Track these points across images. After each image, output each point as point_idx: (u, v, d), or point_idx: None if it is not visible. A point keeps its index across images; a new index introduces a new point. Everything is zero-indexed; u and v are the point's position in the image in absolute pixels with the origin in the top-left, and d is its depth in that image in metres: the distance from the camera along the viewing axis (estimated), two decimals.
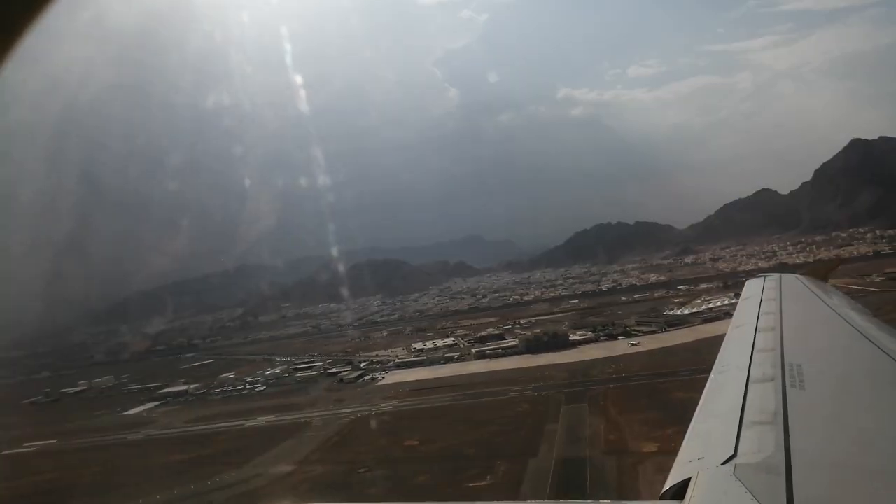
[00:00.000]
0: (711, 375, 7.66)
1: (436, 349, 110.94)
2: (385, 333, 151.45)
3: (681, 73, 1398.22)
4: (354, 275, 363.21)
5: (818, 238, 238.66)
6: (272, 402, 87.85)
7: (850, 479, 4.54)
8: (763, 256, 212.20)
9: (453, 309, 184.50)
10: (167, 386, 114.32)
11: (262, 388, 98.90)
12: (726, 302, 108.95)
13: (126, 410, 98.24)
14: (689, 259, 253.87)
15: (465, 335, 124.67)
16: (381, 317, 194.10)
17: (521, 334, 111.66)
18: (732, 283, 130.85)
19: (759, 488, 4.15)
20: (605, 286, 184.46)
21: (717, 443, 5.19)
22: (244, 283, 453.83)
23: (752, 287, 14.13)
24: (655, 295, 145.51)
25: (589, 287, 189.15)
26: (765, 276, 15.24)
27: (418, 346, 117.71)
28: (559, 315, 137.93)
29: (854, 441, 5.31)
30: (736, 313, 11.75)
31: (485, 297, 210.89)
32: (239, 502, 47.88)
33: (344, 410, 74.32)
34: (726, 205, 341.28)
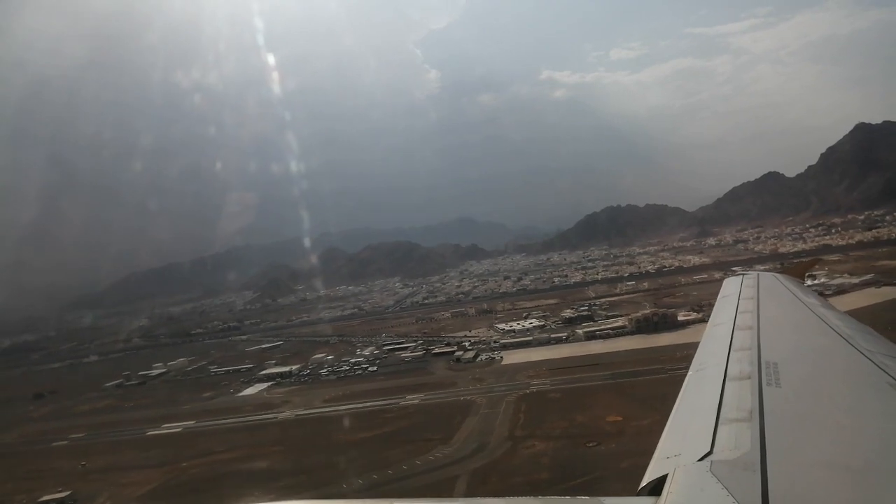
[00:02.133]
0: (689, 373, 7.86)
1: (526, 330, 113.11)
2: (448, 314, 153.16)
3: (662, 56, 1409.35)
4: (366, 257, 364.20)
5: (836, 220, 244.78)
6: (401, 381, 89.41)
7: (825, 476, 4.63)
8: (790, 238, 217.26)
9: (500, 291, 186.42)
10: (257, 368, 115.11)
11: (373, 369, 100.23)
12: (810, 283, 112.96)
13: (239, 392, 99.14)
14: (711, 241, 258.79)
15: (543, 316, 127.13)
16: (425, 299, 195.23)
17: (611, 315, 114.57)
18: (781, 264, 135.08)
19: (735, 484, 4.25)
20: (648, 268, 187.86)
21: (693, 439, 5.32)
22: (235, 267, 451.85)
23: (730, 285, 14.27)
24: (716, 276, 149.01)
25: (631, 269, 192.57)
26: (743, 275, 15.48)
27: (503, 327, 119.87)
28: (627, 296, 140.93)
29: (829, 438, 5.43)
30: (714, 311, 12.07)
31: (519, 279, 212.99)
32: (507, 477, 49.78)
33: (499, 389, 76.23)
34: (735, 188, 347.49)
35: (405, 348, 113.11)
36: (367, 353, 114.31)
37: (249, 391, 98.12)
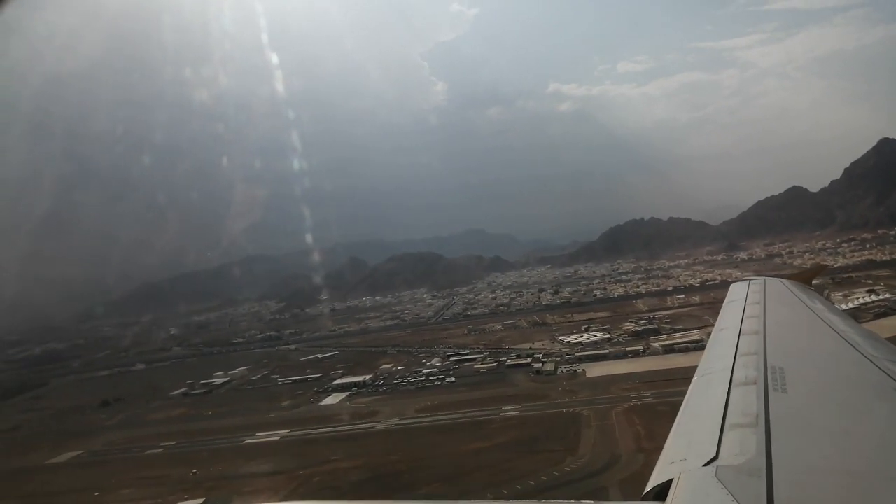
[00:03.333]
0: (695, 378, 7.85)
1: (595, 343, 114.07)
2: (499, 326, 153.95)
3: (668, 70, 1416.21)
4: (390, 269, 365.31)
5: (867, 235, 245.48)
6: (487, 392, 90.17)
7: (831, 482, 4.58)
8: (826, 252, 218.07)
9: (543, 304, 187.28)
10: (325, 378, 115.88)
11: (451, 380, 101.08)
12: (877, 298, 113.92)
13: (319, 402, 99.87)
14: (742, 255, 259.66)
15: (604, 329, 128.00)
16: (465, 311, 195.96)
17: (678, 329, 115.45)
18: (832, 279, 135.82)
19: (740, 490, 4.24)
20: (689, 282, 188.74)
21: (699, 445, 5.30)
22: (248, 277, 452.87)
23: (736, 290, 14.16)
24: None
25: (671, 282, 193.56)
26: (749, 280, 15.43)
27: (566, 339, 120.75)
28: (682, 310, 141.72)
29: (835, 444, 5.39)
30: (720, 316, 11.98)
31: (556, 291, 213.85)
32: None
33: (600, 401, 77.01)
34: (759, 202, 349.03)
35: (473, 359, 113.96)
36: (434, 363, 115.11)
37: (329, 401, 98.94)
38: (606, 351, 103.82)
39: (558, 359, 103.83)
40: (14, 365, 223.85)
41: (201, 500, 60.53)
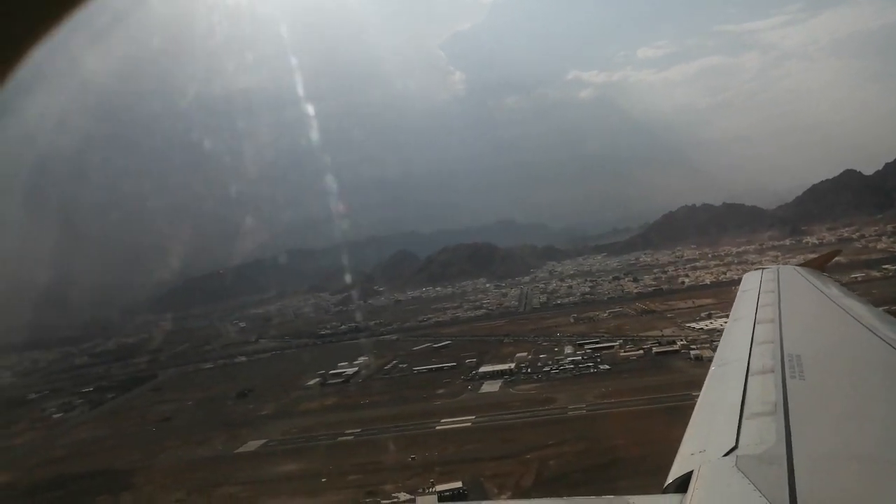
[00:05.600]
0: (712, 368, 7.97)
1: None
2: (605, 314, 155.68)
3: (690, 55, 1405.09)
4: (445, 259, 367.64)
5: None
6: (657, 378, 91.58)
7: (852, 469, 4.56)
8: None
9: (634, 291, 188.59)
10: (460, 367, 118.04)
11: (606, 367, 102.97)
12: None
13: (479, 389, 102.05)
14: (811, 240, 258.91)
15: (725, 315, 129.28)
16: (551, 300, 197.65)
17: None
18: None
19: (761, 480, 4.22)
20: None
21: (718, 435, 5.30)
22: (283, 271, 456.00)
23: (750, 280, 14.15)
24: (875, 274, 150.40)
25: (755, 268, 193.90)
26: (762, 269, 15.36)
27: (695, 325, 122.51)
28: None
29: (855, 430, 5.38)
30: (735, 306, 12.03)
31: (636, 279, 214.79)
32: None
33: None
34: (814, 185, 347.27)
35: (609, 347, 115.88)
36: (568, 351, 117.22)
37: (488, 388, 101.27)
38: None
39: (706, 346, 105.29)
40: (97, 359, 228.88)
41: (458, 484, 62.55)
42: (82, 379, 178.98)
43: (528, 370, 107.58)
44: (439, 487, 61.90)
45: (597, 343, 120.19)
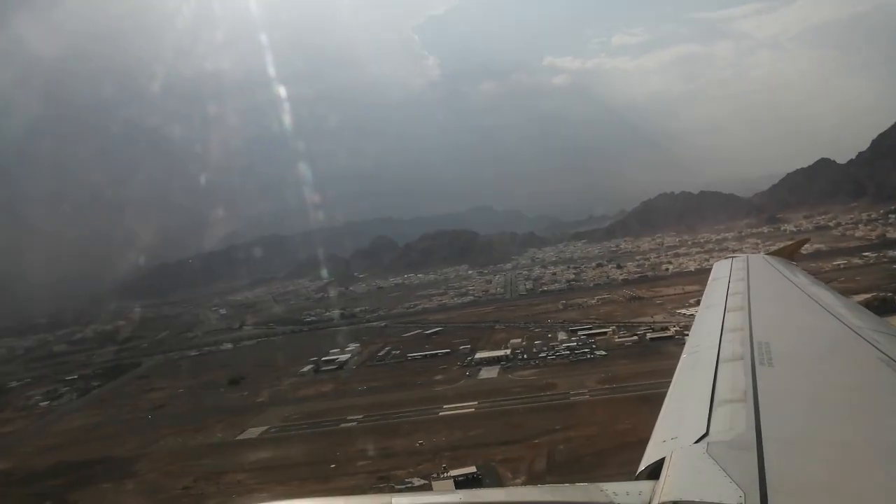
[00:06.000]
0: (683, 356, 8.05)
1: None
2: (594, 301, 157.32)
3: (664, 42, 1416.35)
4: (426, 246, 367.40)
5: None
6: (654, 364, 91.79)
7: (821, 454, 4.65)
8: (880, 223, 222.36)
9: (620, 278, 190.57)
10: (455, 353, 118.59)
11: (602, 353, 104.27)
12: None
13: (477, 375, 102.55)
14: (789, 227, 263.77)
15: None
16: (544, 286, 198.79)
17: None
18: None
19: (732, 465, 4.29)
20: (757, 253, 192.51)
21: (689, 422, 5.37)
22: (264, 257, 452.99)
23: (720, 268, 14.37)
24: (855, 261, 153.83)
25: (736, 255, 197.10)
26: (732, 258, 15.63)
27: (685, 312, 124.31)
28: None
29: (823, 416, 5.48)
30: (705, 294, 12.23)
31: (619, 266, 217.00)
32: None
33: None
34: (789, 174, 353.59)
35: (602, 333, 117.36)
36: (561, 337, 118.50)
37: (486, 374, 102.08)
38: None
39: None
40: (75, 346, 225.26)
41: (472, 469, 63.16)
42: (64, 367, 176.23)
43: (525, 356, 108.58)
44: (453, 472, 62.28)
45: (590, 329, 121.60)
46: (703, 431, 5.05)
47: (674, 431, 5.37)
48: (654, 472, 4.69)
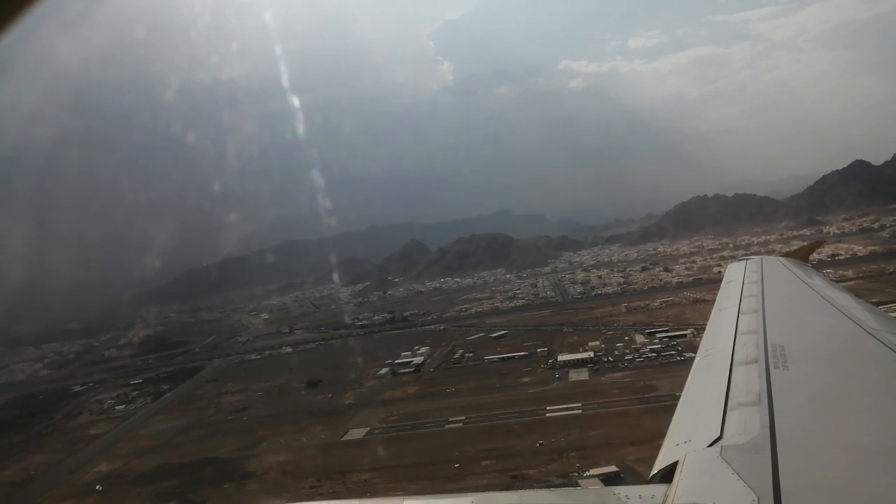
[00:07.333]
0: (696, 359, 8.06)
1: None
2: (657, 304, 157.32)
3: (681, 44, 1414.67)
4: (461, 250, 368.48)
5: None
6: None
7: (835, 457, 4.59)
8: None
9: (675, 281, 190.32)
10: (534, 356, 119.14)
11: (690, 355, 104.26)
12: None
13: (568, 378, 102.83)
14: (832, 230, 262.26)
15: None
16: (595, 289, 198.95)
17: (873, 302, 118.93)
18: None
19: (746, 469, 4.26)
20: (814, 258, 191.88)
21: (703, 425, 5.36)
22: (288, 262, 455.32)
23: (734, 270, 14.23)
24: None
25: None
26: (746, 259, 15.39)
27: None
28: (848, 283, 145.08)
29: (837, 419, 5.40)
30: (719, 296, 12.10)
31: (666, 269, 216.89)
32: None
33: None
34: (824, 176, 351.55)
35: (682, 335, 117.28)
36: (641, 340, 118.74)
37: (576, 377, 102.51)
38: None
39: None
40: (126, 350, 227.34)
41: (613, 468, 63.66)
42: (122, 371, 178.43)
43: (609, 358, 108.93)
44: (594, 471, 62.88)
45: (667, 331, 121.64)
46: (717, 435, 5.12)
47: (687, 435, 5.49)
48: (667, 475, 4.73)
